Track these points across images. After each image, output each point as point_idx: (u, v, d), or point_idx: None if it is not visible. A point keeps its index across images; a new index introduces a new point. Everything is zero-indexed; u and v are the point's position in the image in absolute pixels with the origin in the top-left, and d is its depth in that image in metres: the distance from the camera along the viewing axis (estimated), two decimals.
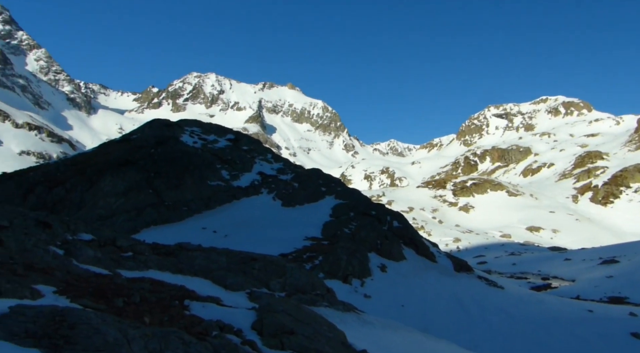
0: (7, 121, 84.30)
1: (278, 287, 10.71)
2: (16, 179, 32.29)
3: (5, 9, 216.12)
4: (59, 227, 9.31)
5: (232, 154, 38.42)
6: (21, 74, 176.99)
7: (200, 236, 23.90)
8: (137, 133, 40.51)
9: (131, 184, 30.75)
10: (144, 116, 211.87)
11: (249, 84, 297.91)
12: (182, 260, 10.22)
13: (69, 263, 7.87)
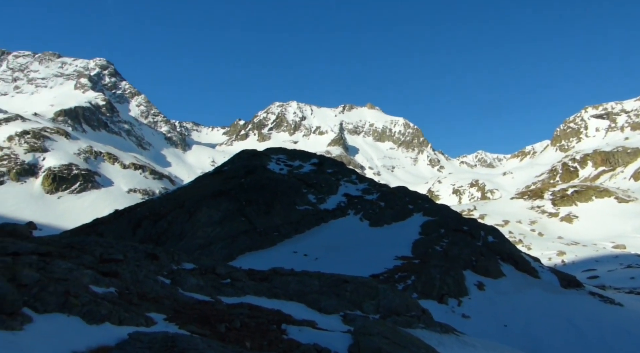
0: (116, 163, 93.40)
1: (372, 309, 10.62)
2: (126, 215, 35.54)
3: (110, 63, 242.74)
4: (165, 258, 10.07)
5: (317, 178, 39.20)
6: (126, 119, 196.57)
7: (291, 260, 24.48)
8: (227, 164, 42.93)
9: (225, 213, 32.45)
10: (233, 148, 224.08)
11: (329, 108, 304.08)
12: (277, 284, 10.53)
13: (176, 291, 8.46)
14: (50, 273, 6.40)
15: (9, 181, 73.09)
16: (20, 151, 79.64)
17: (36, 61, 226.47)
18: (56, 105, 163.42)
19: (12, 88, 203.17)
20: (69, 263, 7.03)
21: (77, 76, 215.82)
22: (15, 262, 6.27)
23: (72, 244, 8.78)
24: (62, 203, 74.11)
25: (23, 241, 7.59)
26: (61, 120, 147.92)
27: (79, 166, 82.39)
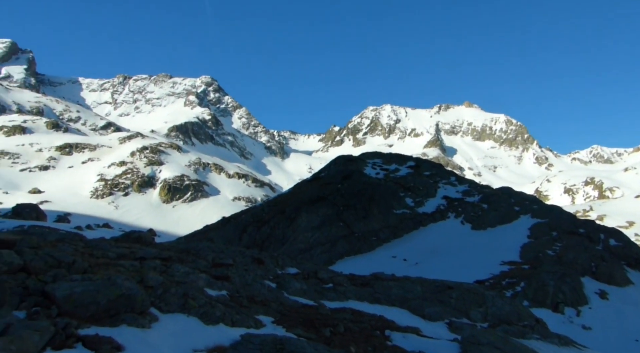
0: (222, 173, 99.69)
1: (479, 317, 10.12)
2: (233, 222, 37.78)
3: (214, 80, 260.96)
4: (270, 263, 10.52)
5: (414, 181, 38.43)
6: (229, 131, 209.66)
7: (391, 265, 24.20)
8: (324, 170, 43.78)
9: (324, 218, 33.07)
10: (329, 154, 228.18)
11: (423, 109, 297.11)
12: (378, 289, 10.49)
13: (281, 295, 8.80)
14: (171, 277, 7.01)
15: (132, 192, 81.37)
16: (140, 165, 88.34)
17: (152, 83, 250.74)
18: (169, 122, 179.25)
19: (133, 109, 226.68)
20: (186, 267, 7.64)
21: (186, 94, 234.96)
22: (142, 266, 6.96)
23: (188, 249, 9.53)
24: (177, 211, 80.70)
25: (148, 247, 8.40)
26: (174, 135, 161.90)
27: (189, 176, 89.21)
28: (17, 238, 6.84)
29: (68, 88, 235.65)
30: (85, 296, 5.48)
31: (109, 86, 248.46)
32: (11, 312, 5.02)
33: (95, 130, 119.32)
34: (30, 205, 42.65)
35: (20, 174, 77.35)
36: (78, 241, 8.38)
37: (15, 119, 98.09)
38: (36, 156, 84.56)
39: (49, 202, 66.74)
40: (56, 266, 6.24)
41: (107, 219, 61.61)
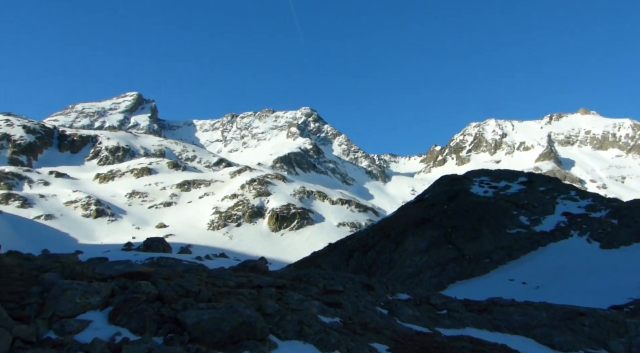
0: (325, 200, 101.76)
1: (621, 348, 8.98)
2: (339, 247, 38.18)
3: (314, 110, 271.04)
4: (380, 288, 10.42)
5: (528, 197, 35.85)
6: (330, 159, 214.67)
7: (508, 289, 22.56)
8: (428, 192, 42.65)
9: (431, 241, 32.04)
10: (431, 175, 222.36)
11: (532, 121, 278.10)
12: (497, 316, 9.83)
13: (394, 322, 8.64)
14: (286, 304, 7.26)
15: (244, 223, 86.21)
16: (250, 196, 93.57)
17: (256, 119, 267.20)
18: (274, 154, 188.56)
19: (241, 144, 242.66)
20: (300, 295, 7.86)
21: (288, 126, 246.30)
22: (259, 294, 7.31)
23: (300, 277, 9.82)
24: (285, 239, 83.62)
25: (263, 275, 8.81)
26: (278, 166, 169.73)
27: (295, 205, 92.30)
28: (152, 270, 7.59)
29: (184, 130, 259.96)
30: (211, 324, 5.89)
31: (219, 125, 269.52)
32: (151, 337, 5.56)
33: (209, 167, 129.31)
34: (158, 239, 46.98)
35: (148, 211, 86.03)
36: (202, 272, 9.07)
37: (143, 161, 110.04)
38: (161, 194, 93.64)
39: (173, 235, 73.10)
40: (185, 295, 6.80)
41: (223, 249, 65.74)
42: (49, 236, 62.88)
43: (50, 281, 6.53)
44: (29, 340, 5.04)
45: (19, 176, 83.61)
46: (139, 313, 5.94)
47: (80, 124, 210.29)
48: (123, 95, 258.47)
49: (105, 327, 5.78)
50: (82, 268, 7.57)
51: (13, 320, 5.16)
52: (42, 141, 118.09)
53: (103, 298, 6.31)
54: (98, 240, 67.02)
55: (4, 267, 7.40)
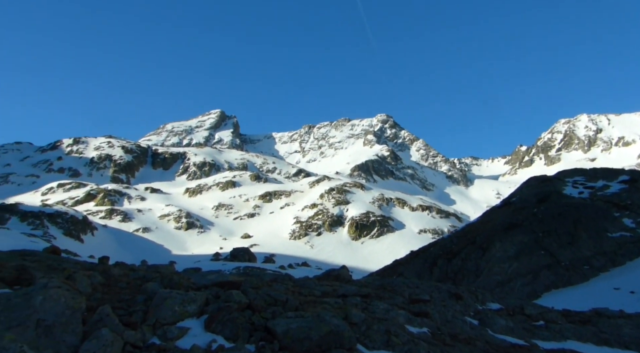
0: (405, 207, 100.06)
1: None
2: (421, 255, 37.25)
3: (390, 116, 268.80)
4: (469, 297, 10.01)
5: (631, 197, 32.69)
6: (408, 165, 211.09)
7: (613, 298, 20.62)
8: (515, 195, 40.37)
9: (520, 247, 30.23)
10: (517, 177, 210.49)
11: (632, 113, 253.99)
12: (604, 328, 9.02)
13: (486, 333, 8.25)
14: (372, 313, 7.22)
15: (324, 232, 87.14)
16: (329, 205, 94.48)
17: (333, 128, 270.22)
18: (351, 162, 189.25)
19: (318, 154, 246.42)
20: (385, 304, 7.78)
21: (364, 134, 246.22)
22: (345, 303, 7.34)
23: (384, 285, 9.72)
24: (365, 248, 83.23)
25: (347, 284, 8.84)
26: (356, 174, 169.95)
27: (374, 213, 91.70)
28: (242, 280, 7.92)
29: (264, 143, 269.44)
30: (300, 332, 6.01)
31: (297, 137, 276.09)
32: (244, 345, 5.79)
33: (289, 177, 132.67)
34: (243, 249, 48.90)
35: (234, 222, 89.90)
36: (288, 281, 9.30)
37: (227, 175, 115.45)
38: (245, 205, 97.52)
39: (257, 245, 75.69)
40: (273, 304, 7.01)
41: (305, 258, 66.88)
42: (146, 248, 67.88)
43: (152, 290, 7.04)
44: (137, 345, 5.47)
45: (119, 192, 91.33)
46: (231, 321, 6.21)
47: (171, 143, 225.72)
48: (207, 113, 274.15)
49: (202, 334, 6.11)
50: (179, 278, 8.08)
51: (123, 325, 5.64)
52: (138, 159, 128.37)
53: (199, 307, 6.69)
54: (189, 251, 71.16)
55: (113, 277, 8.10)
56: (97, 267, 9.00)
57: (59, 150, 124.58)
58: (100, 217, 76.22)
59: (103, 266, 9.14)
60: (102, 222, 73.11)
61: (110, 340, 5.06)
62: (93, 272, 7.81)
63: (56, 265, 8.58)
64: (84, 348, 4.95)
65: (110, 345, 5.02)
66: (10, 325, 4.94)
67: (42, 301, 5.26)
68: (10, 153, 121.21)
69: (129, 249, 63.46)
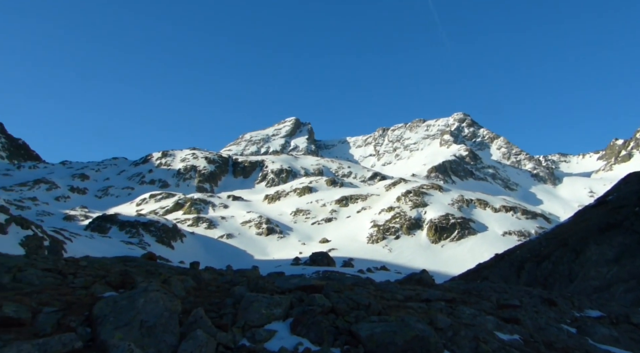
0: (487, 208, 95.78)
1: None
2: (507, 258, 35.36)
3: (467, 115, 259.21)
4: (564, 304, 9.37)
5: None
6: (489, 164, 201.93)
7: None
8: (612, 192, 37.11)
9: (621, 249, 27.70)
10: (613, 173, 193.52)
11: None
12: None
13: (585, 342, 7.67)
14: (458, 318, 7.00)
15: (402, 235, 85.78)
16: (406, 208, 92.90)
17: (407, 130, 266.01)
18: (427, 164, 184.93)
19: (394, 157, 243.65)
20: (472, 309, 7.50)
21: (441, 134, 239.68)
22: (429, 308, 7.19)
23: (469, 290, 9.38)
24: (446, 251, 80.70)
25: (430, 288, 8.65)
26: (433, 176, 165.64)
27: (454, 215, 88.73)
28: (323, 284, 8.04)
29: (339, 148, 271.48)
30: (384, 337, 5.98)
31: (371, 140, 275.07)
32: (329, 348, 5.87)
33: (364, 181, 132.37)
34: (322, 253, 49.45)
35: (312, 227, 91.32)
36: (369, 285, 9.28)
37: (304, 181, 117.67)
38: (321, 210, 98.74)
39: (335, 249, 76.24)
40: (356, 308, 7.03)
41: (384, 262, 66.23)
42: (231, 253, 70.93)
43: (240, 294, 7.36)
44: (228, 346, 5.75)
45: (204, 201, 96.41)
46: (316, 324, 6.33)
47: (249, 151, 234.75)
48: (283, 121, 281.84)
49: (288, 337, 6.29)
50: (264, 282, 8.37)
51: (215, 327, 5.95)
52: (220, 169, 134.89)
53: (284, 310, 6.88)
54: (270, 256, 73.31)
55: (204, 281, 8.58)
56: (189, 272, 9.58)
57: (150, 163, 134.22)
58: (188, 225, 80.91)
59: (194, 271, 9.70)
60: (189, 229, 77.58)
61: (204, 341, 5.37)
62: (186, 277, 8.32)
63: (153, 270, 9.25)
64: (182, 348, 5.30)
65: (205, 345, 5.33)
66: (118, 325, 5.41)
67: (144, 304, 5.70)
68: (109, 167, 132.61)
69: (214, 254, 66.73)
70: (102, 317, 5.55)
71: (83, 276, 7.66)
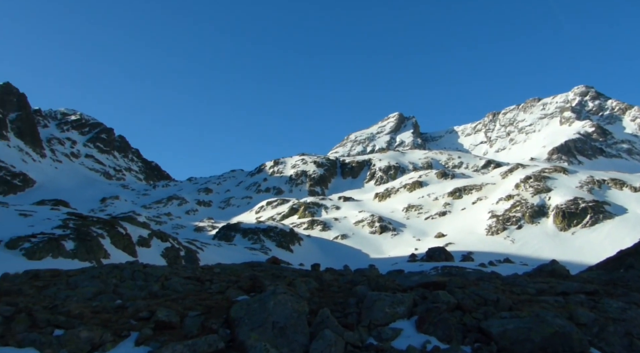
0: (624, 188, 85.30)
1: None
2: None
3: (589, 87, 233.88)
4: None
5: None
6: (622, 139, 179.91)
7: None
8: None
9: None
10: None
11: None
12: None
13: None
14: (603, 313, 6.34)
15: (525, 224, 79.93)
16: (527, 195, 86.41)
17: (521, 111, 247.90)
18: (547, 145, 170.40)
19: (507, 142, 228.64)
20: (619, 302, 6.75)
21: (560, 112, 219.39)
22: (567, 301, 6.61)
23: (613, 280, 8.46)
24: (577, 238, 73.39)
25: (565, 280, 7.96)
26: (555, 158, 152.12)
27: (584, 198, 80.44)
28: (446, 280, 7.81)
29: (447, 139, 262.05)
30: (518, 334, 5.63)
31: (480, 127, 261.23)
32: (459, 346, 5.68)
33: (477, 171, 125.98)
34: (439, 248, 48.10)
35: (425, 222, 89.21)
36: (495, 279, 8.81)
37: (413, 176, 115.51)
38: (434, 204, 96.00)
39: (452, 244, 73.53)
40: (483, 304, 6.72)
41: (506, 254, 62.28)
42: (346, 253, 72.05)
43: (362, 293, 7.46)
44: (356, 345, 5.86)
45: (317, 204, 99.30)
46: (443, 322, 6.17)
47: (355, 152, 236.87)
48: (386, 118, 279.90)
49: (415, 335, 6.22)
50: (385, 281, 8.38)
51: (342, 327, 6.10)
52: (329, 172, 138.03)
53: (407, 308, 6.82)
54: (385, 254, 73.02)
55: (326, 282, 8.84)
56: (311, 274, 9.94)
57: (264, 172, 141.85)
58: (303, 228, 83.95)
59: (316, 273, 10.04)
60: (305, 232, 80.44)
61: (333, 340, 5.53)
62: (308, 278, 8.65)
63: (278, 273, 9.76)
64: (313, 348, 5.52)
65: (334, 344, 5.49)
66: (253, 326, 5.80)
67: (274, 306, 6.04)
68: (228, 180, 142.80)
69: (331, 255, 68.32)
70: (238, 319, 6.00)
71: (218, 282, 8.34)
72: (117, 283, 8.57)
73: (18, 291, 7.66)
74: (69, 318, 6.04)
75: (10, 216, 34.39)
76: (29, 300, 6.93)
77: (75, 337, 5.41)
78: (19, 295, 7.44)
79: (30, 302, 6.71)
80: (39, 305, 6.58)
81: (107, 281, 8.66)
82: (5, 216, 34.19)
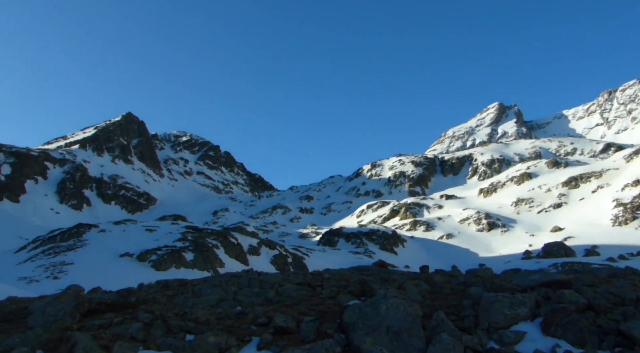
0: None
1: None
2: None
3: None
4: None
5: None
6: None
7: None
8: None
9: None
10: None
11: None
12: None
13: None
14: None
15: None
16: None
17: None
18: None
19: (629, 121, 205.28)
20: None
21: None
22: None
23: None
24: None
25: None
26: None
27: None
28: (571, 278, 7.18)
29: (555, 125, 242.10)
30: None
31: (595, 108, 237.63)
32: (595, 350, 5.18)
33: (595, 156, 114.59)
34: (557, 243, 44.53)
35: (537, 216, 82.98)
36: (632, 275, 7.90)
37: (520, 168, 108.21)
38: (547, 196, 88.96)
39: (572, 237, 67.53)
40: (620, 303, 6.07)
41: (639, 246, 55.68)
42: (453, 253, 69.42)
43: (477, 295, 7.12)
44: (476, 349, 5.60)
45: (418, 204, 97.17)
46: (573, 323, 5.67)
47: (454, 147, 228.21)
48: (485, 109, 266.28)
49: (541, 338, 5.78)
50: (500, 281, 7.92)
51: (459, 330, 5.88)
52: (428, 170, 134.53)
53: (529, 309, 6.38)
54: (495, 252, 69.10)
55: (437, 284, 8.60)
56: (420, 276, 9.74)
57: (362, 176, 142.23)
58: (406, 230, 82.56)
59: (425, 275, 9.81)
60: (408, 234, 79.02)
61: (451, 344, 5.35)
62: (418, 281, 8.48)
63: (387, 276, 9.70)
64: (430, 352, 5.38)
65: (452, 349, 5.30)
66: (367, 330, 5.82)
67: (386, 310, 6.00)
68: (328, 186, 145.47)
69: (436, 256, 66.28)
70: (351, 323, 6.06)
71: (328, 288, 8.51)
72: (236, 290, 9.13)
73: (153, 300, 8.50)
74: (198, 324, 6.55)
75: (139, 231, 38.48)
76: (162, 307, 7.66)
77: (205, 341, 5.85)
78: (154, 303, 8.25)
79: (164, 310, 7.41)
80: (171, 312, 7.24)
81: (227, 289, 9.26)
82: (135, 232, 38.31)
